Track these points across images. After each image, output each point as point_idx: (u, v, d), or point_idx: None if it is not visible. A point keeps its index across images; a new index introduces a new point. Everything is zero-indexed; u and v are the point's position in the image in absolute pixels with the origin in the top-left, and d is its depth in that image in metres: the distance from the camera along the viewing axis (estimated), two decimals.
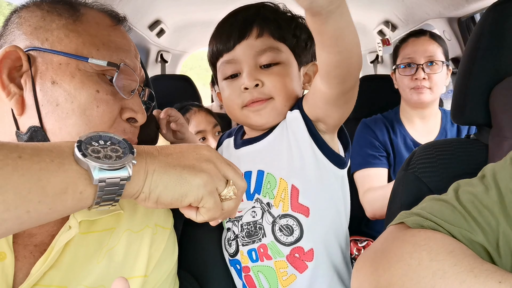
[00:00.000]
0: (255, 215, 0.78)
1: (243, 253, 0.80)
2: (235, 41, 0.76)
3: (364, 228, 1.64)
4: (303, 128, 0.75)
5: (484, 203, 0.52)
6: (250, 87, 0.74)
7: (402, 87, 1.44)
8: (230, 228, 0.83)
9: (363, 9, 2.22)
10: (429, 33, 1.46)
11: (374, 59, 2.88)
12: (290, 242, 0.75)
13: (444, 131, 1.47)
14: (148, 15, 2.14)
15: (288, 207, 0.75)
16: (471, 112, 0.87)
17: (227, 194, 0.51)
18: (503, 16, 0.82)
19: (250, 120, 0.78)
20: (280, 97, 0.76)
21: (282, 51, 0.77)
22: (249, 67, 0.75)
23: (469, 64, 0.86)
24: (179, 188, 0.46)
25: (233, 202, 0.52)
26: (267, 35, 0.76)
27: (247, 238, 0.79)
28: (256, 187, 0.79)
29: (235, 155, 0.85)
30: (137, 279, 0.63)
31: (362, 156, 1.44)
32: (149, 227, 0.66)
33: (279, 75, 0.76)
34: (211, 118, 1.53)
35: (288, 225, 0.75)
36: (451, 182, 0.60)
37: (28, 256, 0.57)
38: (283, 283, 0.76)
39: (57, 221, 0.60)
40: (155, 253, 0.66)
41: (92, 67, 0.57)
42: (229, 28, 0.77)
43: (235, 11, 0.80)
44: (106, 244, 0.62)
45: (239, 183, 0.53)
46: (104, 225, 0.63)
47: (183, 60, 3.21)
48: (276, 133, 0.79)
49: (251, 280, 0.80)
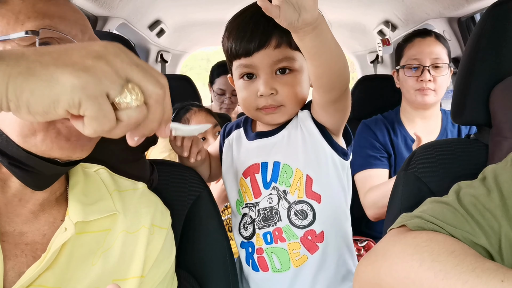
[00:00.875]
0: (272, 201, 0.87)
1: (259, 236, 0.88)
2: (254, 49, 0.80)
3: (364, 228, 1.64)
4: (313, 126, 0.84)
5: (486, 206, 0.52)
6: (266, 95, 0.82)
7: (406, 87, 1.43)
8: (246, 213, 0.91)
9: (363, 9, 2.22)
10: (434, 34, 1.44)
11: (374, 59, 2.88)
12: (304, 225, 0.84)
13: (444, 131, 1.47)
14: (148, 15, 2.14)
15: (303, 194, 0.84)
16: (471, 112, 0.87)
17: (123, 100, 0.39)
18: (503, 16, 0.82)
19: (264, 120, 0.87)
20: (291, 105, 0.84)
21: (297, 60, 0.82)
22: (266, 75, 0.82)
23: (469, 64, 0.86)
24: (48, 92, 0.37)
25: (136, 112, 0.40)
26: (284, 45, 0.80)
27: (263, 222, 0.87)
28: (272, 176, 0.87)
29: (250, 147, 0.92)
30: (133, 280, 0.62)
31: (363, 157, 1.44)
32: (145, 227, 0.66)
33: (291, 85, 0.83)
34: (211, 118, 1.53)
35: (302, 210, 0.84)
36: (451, 182, 0.61)
37: (19, 254, 0.56)
38: (296, 262, 0.85)
39: (47, 220, 0.60)
40: (152, 254, 0.66)
41: (19, 44, 0.52)
42: (250, 35, 0.80)
43: (256, 15, 0.80)
44: (101, 246, 0.61)
45: (150, 88, 0.41)
46: (99, 226, 0.62)
47: (183, 60, 3.21)
48: (290, 128, 0.88)
49: (264, 261, 0.88)
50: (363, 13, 2.29)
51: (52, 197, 0.62)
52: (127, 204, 0.67)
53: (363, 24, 2.48)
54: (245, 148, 0.92)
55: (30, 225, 0.59)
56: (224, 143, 0.98)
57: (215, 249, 0.86)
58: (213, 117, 1.55)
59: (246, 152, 0.92)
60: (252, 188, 0.89)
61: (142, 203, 0.68)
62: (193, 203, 0.85)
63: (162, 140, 1.43)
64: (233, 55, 0.83)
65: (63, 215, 0.61)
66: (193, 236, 0.84)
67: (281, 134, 0.88)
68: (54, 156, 0.55)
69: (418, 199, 0.82)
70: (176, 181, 0.86)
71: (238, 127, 0.98)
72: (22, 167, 0.55)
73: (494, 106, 0.82)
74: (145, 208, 0.68)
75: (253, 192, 0.89)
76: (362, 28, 2.53)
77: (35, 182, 0.57)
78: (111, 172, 0.72)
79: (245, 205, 0.91)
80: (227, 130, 1.00)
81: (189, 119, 1.51)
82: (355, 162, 1.45)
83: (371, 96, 1.78)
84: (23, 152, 0.53)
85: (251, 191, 0.89)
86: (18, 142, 0.53)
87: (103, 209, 0.63)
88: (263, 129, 0.91)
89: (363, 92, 1.81)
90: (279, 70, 0.82)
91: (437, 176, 0.83)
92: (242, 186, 0.91)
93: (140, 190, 0.71)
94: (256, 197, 0.88)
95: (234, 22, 0.84)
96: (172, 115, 1.48)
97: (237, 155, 0.94)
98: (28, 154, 0.53)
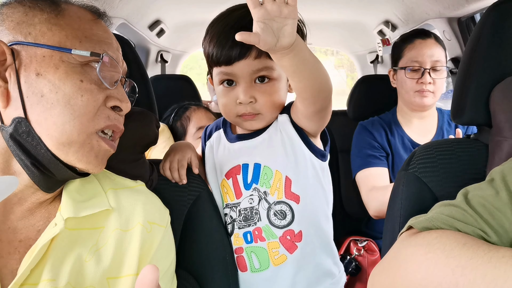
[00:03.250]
0: (252, 202, 0.88)
1: (238, 236, 0.90)
2: (235, 59, 0.81)
3: (364, 228, 1.65)
4: (293, 130, 0.86)
5: (496, 206, 0.52)
6: (245, 103, 0.84)
7: (406, 89, 1.43)
8: (227, 213, 0.92)
9: (363, 9, 2.22)
10: (433, 35, 1.44)
11: (374, 59, 2.88)
12: (283, 225, 0.86)
13: (441, 131, 1.47)
14: (148, 15, 2.14)
15: (282, 195, 0.86)
16: (471, 112, 0.87)
17: None
18: (503, 16, 0.82)
19: (242, 126, 0.90)
20: (268, 113, 0.87)
21: (275, 69, 0.84)
22: (245, 84, 0.83)
23: (469, 64, 0.86)
24: None
25: None
26: (264, 56, 0.81)
27: (244, 222, 0.89)
28: (253, 177, 0.89)
29: (232, 148, 0.93)
30: (127, 277, 0.62)
31: (362, 157, 1.44)
32: (141, 225, 0.66)
33: (270, 93, 0.85)
34: (210, 114, 1.58)
35: (282, 210, 0.86)
36: (451, 182, 0.60)
37: (13, 252, 0.57)
38: (275, 261, 0.87)
39: (43, 215, 0.61)
40: (148, 251, 0.65)
41: (75, 59, 0.58)
42: (231, 44, 0.80)
43: (238, 23, 0.80)
44: (95, 243, 0.62)
45: None
46: (92, 224, 0.63)
47: (183, 60, 3.21)
48: (270, 132, 0.89)
49: (243, 261, 0.89)
50: (363, 13, 2.29)
51: (50, 196, 0.62)
52: (123, 202, 0.67)
53: (363, 24, 2.48)
54: (227, 150, 0.93)
55: (25, 222, 0.59)
56: (206, 145, 0.99)
57: (215, 249, 0.86)
58: (212, 113, 1.60)
59: (228, 153, 0.93)
60: (234, 188, 0.90)
61: (138, 200, 0.68)
62: (193, 203, 0.85)
63: (162, 140, 1.43)
64: (214, 62, 0.84)
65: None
66: (193, 236, 0.84)
67: (261, 137, 0.89)
68: (77, 166, 0.60)
69: (418, 199, 0.83)
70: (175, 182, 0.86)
71: (218, 129, 0.99)
72: (41, 169, 0.58)
73: (494, 106, 0.82)
74: (141, 206, 0.68)
75: (235, 192, 0.90)
76: (362, 28, 2.53)
77: (48, 184, 0.60)
78: (109, 172, 0.72)
79: (226, 206, 0.92)
80: (208, 132, 1.01)
81: (190, 117, 1.52)
82: (355, 163, 1.45)
83: (371, 96, 1.78)
84: (50, 156, 0.57)
85: (233, 191, 0.90)
86: (50, 147, 0.57)
87: (95, 205, 0.63)
88: (244, 131, 0.93)
89: (363, 92, 1.81)
90: (258, 79, 0.84)
91: (437, 176, 0.83)
92: (224, 187, 0.92)
93: (138, 188, 0.71)
94: (237, 198, 0.90)
95: (215, 28, 0.84)
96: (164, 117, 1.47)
97: (218, 156, 0.95)
98: (54, 159, 0.57)
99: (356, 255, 1.45)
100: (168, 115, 1.60)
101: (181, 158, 0.90)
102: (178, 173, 0.87)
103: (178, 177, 0.86)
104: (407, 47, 1.45)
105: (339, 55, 12.01)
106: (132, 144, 0.82)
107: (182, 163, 0.89)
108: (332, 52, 11.38)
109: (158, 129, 0.88)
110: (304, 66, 0.70)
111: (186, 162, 0.90)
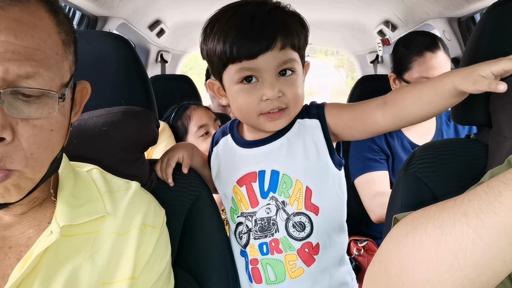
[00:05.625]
0: (270, 212, 0.84)
1: (253, 246, 0.85)
2: (260, 51, 0.75)
3: (364, 228, 1.64)
4: (322, 137, 0.83)
5: None
6: (274, 98, 0.77)
7: None
8: (242, 222, 0.87)
9: (363, 9, 2.22)
10: (441, 45, 1.37)
11: (374, 59, 2.88)
12: (302, 237, 0.83)
13: (440, 131, 1.47)
14: (148, 15, 2.14)
15: (302, 206, 0.82)
16: (471, 112, 0.86)
17: None
18: (503, 16, 0.82)
19: (264, 126, 0.82)
20: (295, 107, 0.82)
21: (297, 61, 0.80)
22: (271, 78, 0.77)
23: (469, 64, 0.86)
24: None
25: None
26: (288, 47, 0.78)
27: (260, 232, 0.85)
28: (270, 185, 0.84)
29: (244, 154, 0.88)
30: (122, 282, 0.61)
31: (362, 161, 1.42)
32: (136, 228, 0.65)
33: (295, 85, 0.80)
34: (210, 112, 1.58)
35: (301, 222, 0.83)
36: (451, 182, 0.61)
37: (2, 258, 0.56)
38: (291, 274, 0.83)
39: (32, 223, 0.59)
40: (143, 254, 0.64)
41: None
42: (256, 36, 0.75)
43: (258, 14, 0.76)
44: (89, 248, 0.60)
45: None
46: (87, 228, 0.61)
47: (183, 60, 3.21)
48: (289, 136, 0.84)
49: (258, 272, 0.85)
50: (363, 13, 2.29)
51: (37, 202, 0.61)
52: (119, 206, 0.66)
53: (363, 24, 2.48)
54: (238, 155, 0.88)
55: (13, 231, 0.58)
56: (212, 151, 0.96)
57: (215, 249, 0.85)
58: (211, 111, 1.60)
59: (240, 159, 0.88)
60: (249, 197, 0.86)
61: (133, 203, 0.67)
62: (193, 203, 0.85)
63: (163, 139, 1.43)
64: (231, 59, 0.77)
65: (49, 217, 0.60)
66: (193, 236, 0.84)
67: (279, 141, 0.84)
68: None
69: (418, 199, 0.82)
70: (176, 181, 0.86)
71: (224, 134, 0.94)
72: None
73: (494, 106, 0.82)
74: (137, 209, 0.67)
75: (250, 201, 0.86)
76: (362, 28, 2.53)
77: None
78: (104, 172, 0.71)
79: (241, 214, 0.87)
80: (215, 139, 0.96)
81: (190, 116, 1.53)
82: (355, 166, 1.44)
83: (371, 96, 1.76)
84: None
85: (247, 200, 0.86)
86: None
87: (92, 211, 0.62)
88: (256, 135, 0.87)
89: (363, 92, 1.81)
90: (281, 72, 0.79)
91: (437, 176, 0.83)
92: (237, 195, 0.87)
93: (133, 190, 0.69)
94: (253, 207, 0.85)
95: (227, 23, 0.77)
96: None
97: (228, 162, 0.90)
98: None
99: (356, 255, 1.45)
100: (169, 115, 1.60)
101: (170, 157, 0.88)
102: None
103: (166, 177, 0.86)
104: (416, 60, 1.36)
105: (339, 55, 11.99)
106: (132, 144, 0.82)
107: (169, 163, 0.87)
108: (332, 52, 11.37)
109: (158, 128, 0.88)
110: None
111: (174, 162, 0.88)
